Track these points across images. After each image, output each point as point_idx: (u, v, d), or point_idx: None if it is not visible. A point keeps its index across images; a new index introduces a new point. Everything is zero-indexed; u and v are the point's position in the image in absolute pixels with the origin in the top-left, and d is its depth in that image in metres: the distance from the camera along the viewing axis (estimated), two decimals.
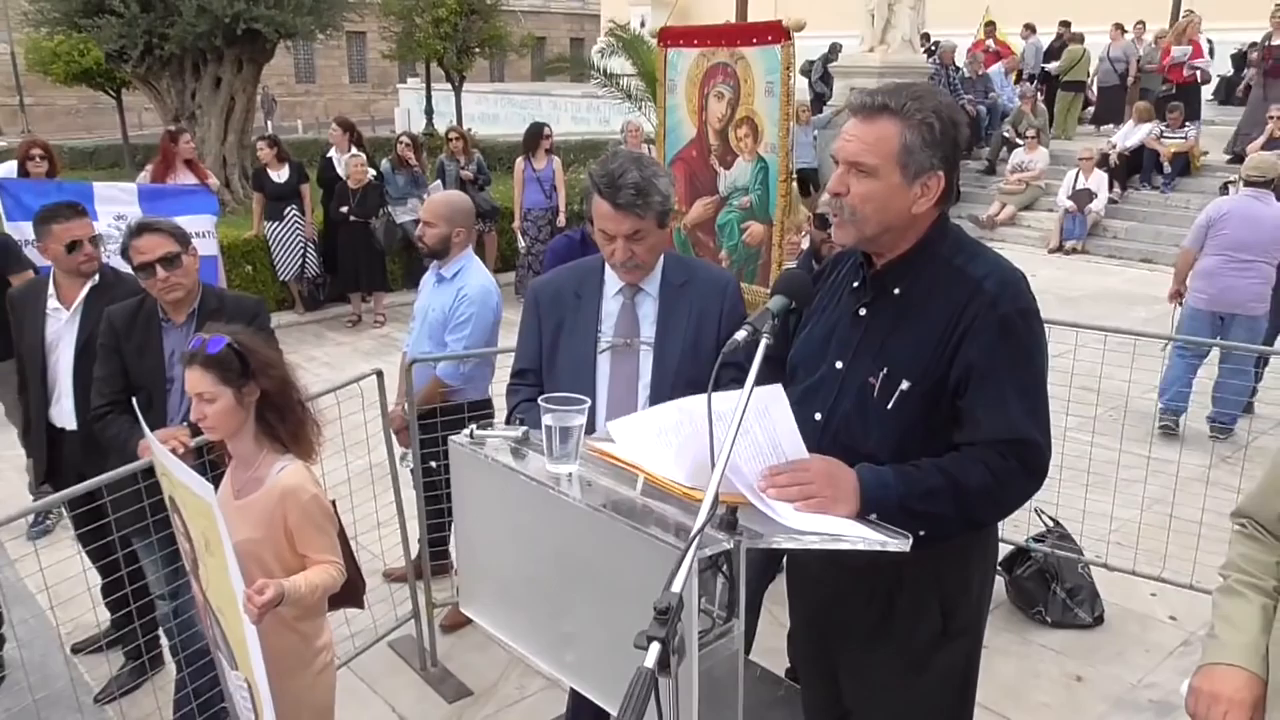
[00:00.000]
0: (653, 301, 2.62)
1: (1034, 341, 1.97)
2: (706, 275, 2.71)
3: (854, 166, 1.93)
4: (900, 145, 1.89)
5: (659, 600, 1.33)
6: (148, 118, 23.65)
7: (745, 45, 4.08)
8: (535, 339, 2.68)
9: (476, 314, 3.92)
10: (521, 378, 2.70)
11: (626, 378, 2.60)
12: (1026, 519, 4.43)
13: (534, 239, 9.54)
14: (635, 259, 2.50)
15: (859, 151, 1.92)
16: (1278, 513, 1.79)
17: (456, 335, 3.93)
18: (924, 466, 1.90)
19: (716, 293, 2.63)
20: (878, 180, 1.91)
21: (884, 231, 1.96)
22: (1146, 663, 3.96)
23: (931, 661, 2.13)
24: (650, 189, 2.44)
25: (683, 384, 2.54)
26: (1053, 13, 16.82)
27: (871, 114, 1.92)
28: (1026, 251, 11.79)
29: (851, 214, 1.94)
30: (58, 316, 3.79)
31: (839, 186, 1.95)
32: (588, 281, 2.66)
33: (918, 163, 1.90)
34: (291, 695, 2.49)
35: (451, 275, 3.99)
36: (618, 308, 2.63)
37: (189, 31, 12.50)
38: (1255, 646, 1.73)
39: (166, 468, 2.42)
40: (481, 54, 22.86)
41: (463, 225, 3.96)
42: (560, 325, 2.64)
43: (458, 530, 2.16)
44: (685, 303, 2.61)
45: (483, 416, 3.89)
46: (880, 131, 1.90)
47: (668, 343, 2.58)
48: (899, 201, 1.93)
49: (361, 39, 35.86)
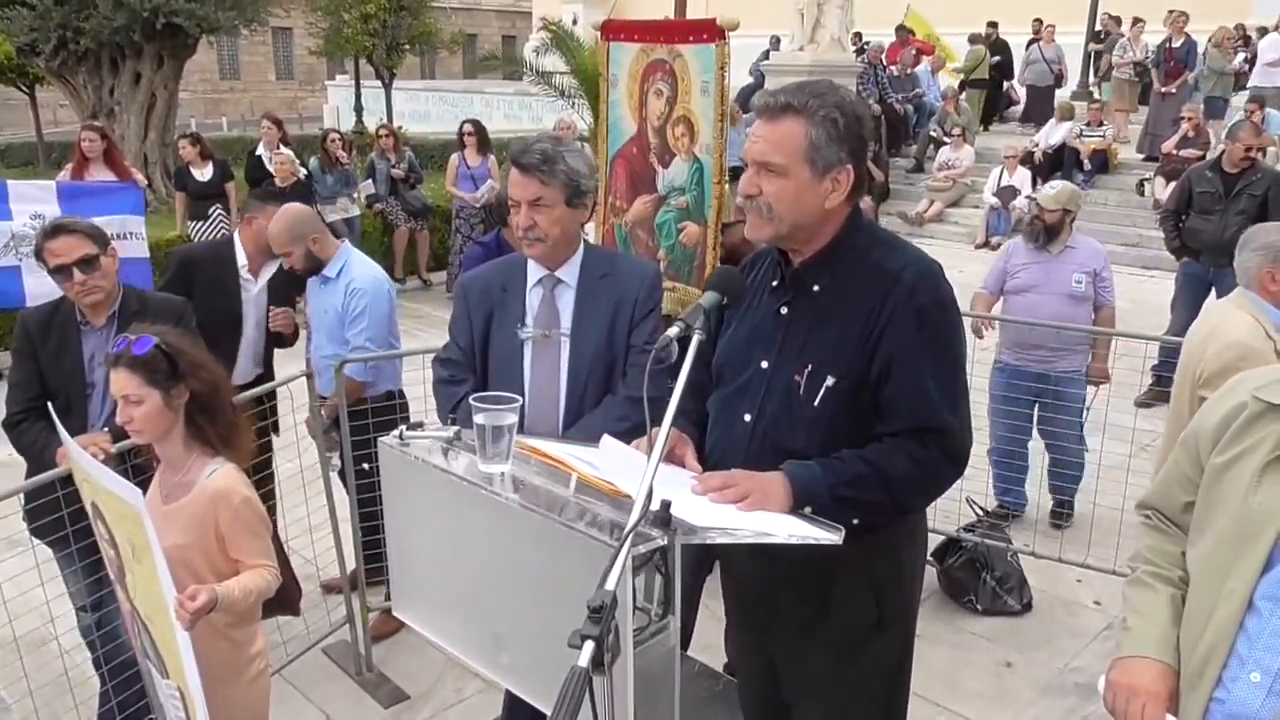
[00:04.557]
0: (571, 292, 2.66)
1: (951, 331, 2.01)
2: (628, 267, 2.77)
3: (763, 167, 1.95)
4: (807, 142, 1.91)
5: (593, 598, 1.33)
6: (63, 114, 22.88)
7: (682, 43, 4.08)
8: (466, 332, 2.72)
9: (371, 303, 3.88)
10: (445, 366, 2.74)
11: (548, 368, 2.65)
12: (958, 509, 4.53)
13: (466, 236, 9.46)
14: (537, 229, 2.53)
15: (766, 151, 1.94)
16: (1181, 504, 1.83)
17: (355, 329, 3.88)
18: (847, 457, 1.93)
19: (635, 282, 2.68)
20: (788, 178, 1.93)
21: (798, 228, 1.99)
22: (1073, 647, 4.07)
23: (867, 652, 2.16)
24: (557, 158, 2.50)
25: (598, 373, 2.63)
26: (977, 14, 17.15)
27: (775, 114, 1.94)
28: (954, 247, 12.02)
29: (767, 212, 1.96)
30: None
31: (750, 188, 1.97)
32: (514, 274, 2.71)
33: (825, 158, 1.93)
34: (225, 704, 2.43)
35: (335, 273, 3.95)
36: (538, 299, 2.67)
37: (105, 25, 12.14)
38: (1167, 637, 1.77)
39: (89, 474, 2.34)
40: (411, 51, 22.62)
41: (313, 230, 3.92)
42: (489, 318, 2.69)
43: (389, 533, 2.13)
44: (604, 293, 2.65)
45: (392, 410, 3.86)
46: (785, 130, 1.92)
47: (584, 334, 2.63)
48: (811, 197, 1.95)
49: (288, 35, 35.14)
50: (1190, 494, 1.79)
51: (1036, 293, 4.76)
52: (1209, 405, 1.81)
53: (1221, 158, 6.74)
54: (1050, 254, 4.77)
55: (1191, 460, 1.80)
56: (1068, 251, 4.77)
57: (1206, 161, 7.43)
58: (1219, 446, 1.72)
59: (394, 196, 10.11)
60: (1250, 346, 3.13)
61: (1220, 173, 6.62)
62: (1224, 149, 6.82)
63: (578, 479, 1.80)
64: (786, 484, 1.85)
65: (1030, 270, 4.80)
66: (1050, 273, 4.74)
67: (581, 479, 1.80)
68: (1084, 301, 4.73)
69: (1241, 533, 1.64)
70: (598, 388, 2.65)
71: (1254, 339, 3.15)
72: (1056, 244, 4.76)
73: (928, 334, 1.94)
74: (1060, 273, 4.73)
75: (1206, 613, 1.69)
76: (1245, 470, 1.66)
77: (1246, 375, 1.82)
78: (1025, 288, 4.81)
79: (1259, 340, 3.15)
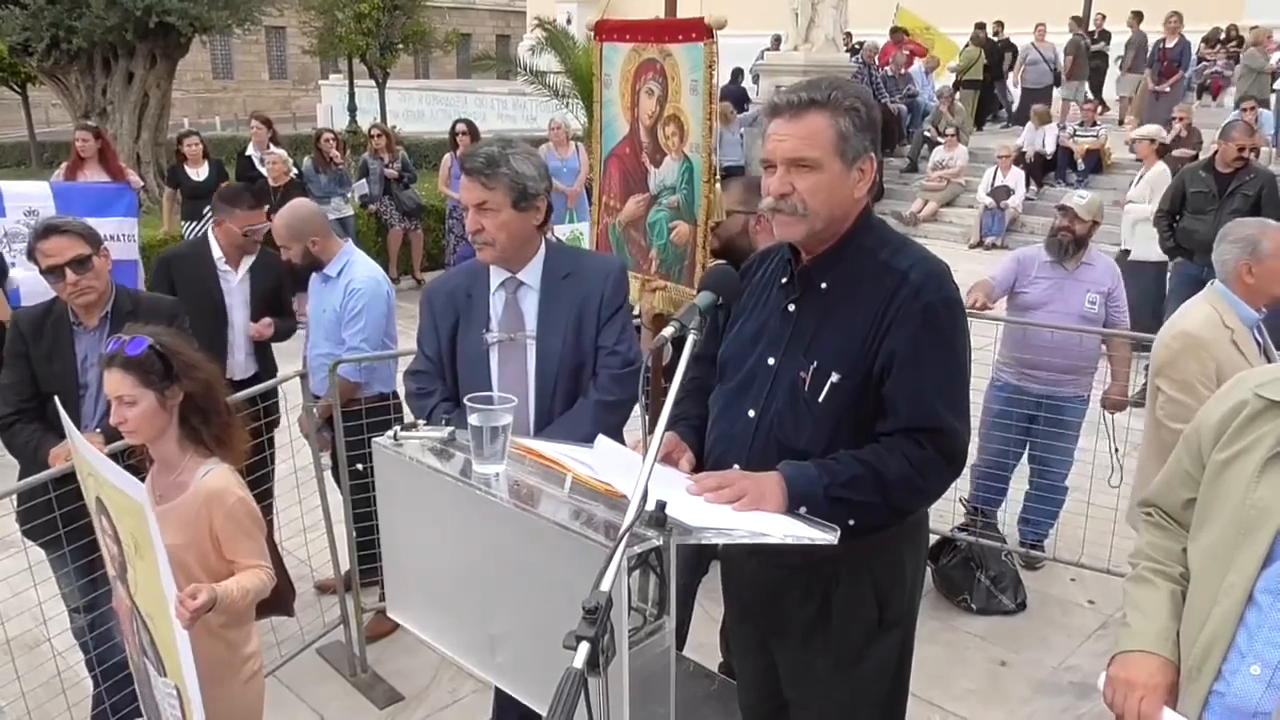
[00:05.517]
0: (535, 294, 2.65)
1: (956, 331, 2.00)
2: (591, 264, 2.76)
3: (795, 163, 1.94)
4: (836, 134, 1.92)
5: (588, 599, 1.33)
6: (56, 114, 22.80)
7: (672, 42, 4.08)
8: (433, 341, 2.73)
9: (368, 304, 3.89)
10: (413, 378, 2.75)
11: (515, 372, 2.65)
12: (952, 509, 4.54)
13: (460, 236, 9.45)
14: (485, 234, 2.54)
15: (797, 148, 1.94)
16: (1181, 500, 1.84)
17: (352, 329, 3.89)
18: (842, 458, 1.93)
19: (599, 280, 2.67)
20: (822, 172, 1.94)
21: (832, 221, 1.99)
22: (1067, 646, 4.08)
23: (868, 653, 2.16)
24: (501, 162, 2.50)
25: (566, 375, 2.62)
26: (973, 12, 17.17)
27: (798, 110, 1.94)
28: (948, 247, 12.03)
29: (803, 210, 1.95)
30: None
31: (784, 187, 1.95)
32: (477, 280, 2.71)
33: (854, 148, 1.94)
34: (219, 705, 2.42)
35: (336, 273, 3.96)
36: (502, 303, 2.67)
37: (98, 25, 12.09)
38: (1166, 632, 1.78)
39: (94, 468, 2.32)
40: (405, 50, 22.59)
41: (314, 233, 3.93)
42: (455, 325, 2.69)
43: (383, 533, 2.12)
44: (567, 294, 2.64)
45: (385, 410, 3.86)
46: (813, 125, 1.93)
47: (548, 336, 2.63)
48: (843, 189, 1.97)
49: (281, 34, 35.05)
50: (1191, 491, 1.80)
51: (1046, 311, 4.39)
52: (1211, 402, 1.82)
53: (1215, 158, 6.76)
54: (1066, 270, 4.40)
55: (1193, 457, 1.81)
56: (1083, 268, 4.42)
57: (1200, 162, 7.45)
58: (1220, 443, 1.73)
59: (388, 196, 10.10)
60: (1196, 337, 3.15)
61: (1214, 173, 6.64)
62: (1216, 149, 6.83)
63: (573, 479, 1.80)
64: (782, 484, 1.85)
65: (1043, 286, 4.43)
66: (1064, 290, 4.39)
67: (577, 479, 1.79)
68: (1095, 323, 4.38)
69: (1242, 527, 1.65)
70: (566, 390, 2.64)
71: (1205, 329, 3.15)
72: (1074, 259, 4.41)
73: (931, 333, 1.94)
74: (1074, 291, 4.39)
75: (1207, 607, 1.70)
76: (1246, 466, 1.67)
77: (1248, 373, 1.84)
78: (1035, 304, 4.43)
79: (1211, 331, 3.15)
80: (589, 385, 2.65)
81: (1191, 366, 3.12)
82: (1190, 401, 3.05)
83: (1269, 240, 3.17)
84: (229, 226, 4.16)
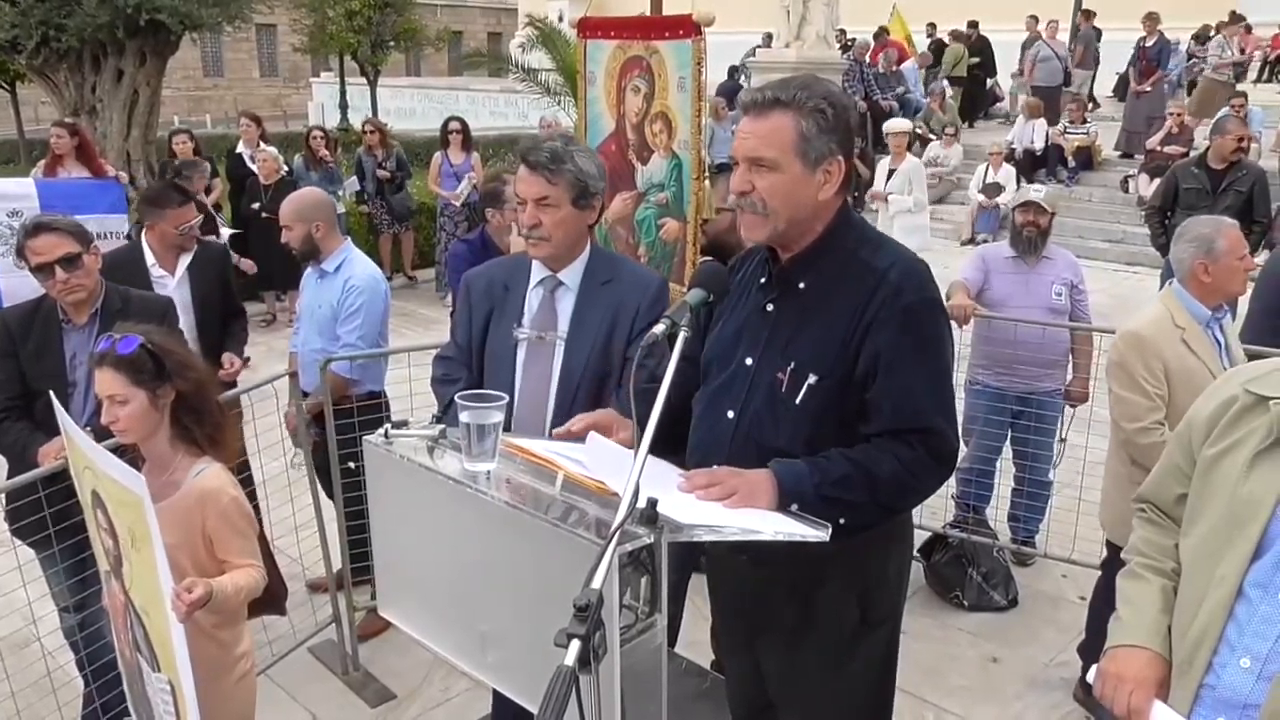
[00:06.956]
0: (572, 296, 2.61)
1: (938, 331, 2.00)
2: (633, 275, 2.71)
3: (754, 162, 1.94)
4: (796, 135, 1.91)
5: (579, 597, 1.32)
6: (45, 112, 22.66)
7: (658, 39, 4.07)
8: (466, 329, 2.70)
9: (367, 302, 3.87)
10: (440, 364, 2.73)
11: (540, 371, 2.61)
12: (944, 506, 4.54)
13: (450, 234, 9.42)
14: (541, 229, 2.50)
15: (756, 147, 1.93)
16: (1174, 496, 1.86)
17: (348, 326, 3.87)
18: (833, 456, 1.92)
19: (638, 293, 2.62)
20: (780, 172, 1.93)
21: (794, 223, 1.98)
22: (1058, 642, 4.09)
23: (854, 652, 2.16)
24: (566, 158, 2.47)
25: (589, 381, 2.56)
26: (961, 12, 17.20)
27: (763, 109, 1.94)
28: (940, 243, 12.03)
29: (763, 209, 1.95)
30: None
31: (743, 185, 1.96)
32: (517, 273, 2.68)
33: (816, 150, 1.93)
34: (211, 705, 2.41)
35: (334, 269, 3.93)
36: (538, 300, 2.63)
37: (89, 22, 12.02)
38: (1157, 626, 1.79)
39: (91, 460, 2.31)
40: (396, 48, 22.54)
41: (320, 219, 3.91)
42: (489, 316, 2.66)
43: (374, 532, 2.12)
44: (604, 300, 2.60)
45: (376, 409, 3.85)
46: (774, 124, 1.92)
47: (579, 339, 2.58)
48: (804, 191, 1.95)
49: (272, 31, 34.94)
50: (1183, 486, 1.81)
51: (1013, 307, 4.40)
52: (1202, 399, 1.83)
53: (1207, 154, 6.78)
54: (1028, 265, 4.43)
55: (1184, 453, 1.82)
56: (1044, 263, 4.45)
57: (1192, 158, 7.48)
58: (1211, 438, 1.75)
59: (379, 198, 10.05)
60: (1143, 337, 3.17)
61: (1206, 169, 6.66)
62: (1209, 144, 6.85)
63: (564, 477, 1.80)
64: (773, 481, 1.85)
65: (1007, 281, 4.44)
66: (1029, 284, 4.42)
67: (568, 477, 1.79)
68: (1062, 315, 4.41)
69: (1232, 521, 1.67)
70: (587, 396, 2.57)
71: (1152, 329, 3.18)
72: (1036, 255, 4.44)
73: (914, 335, 1.93)
74: (1039, 284, 4.42)
75: (1197, 600, 1.71)
76: (1236, 460, 1.69)
77: (1239, 369, 1.86)
78: (1002, 301, 4.44)
79: (1160, 330, 3.17)
80: (610, 397, 2.57)
81: (1138, 366, 3.15)
82: (1138, 399, 3.13)
83: (1224, 239, 3.19)
84: (163, 228, 4.08)
